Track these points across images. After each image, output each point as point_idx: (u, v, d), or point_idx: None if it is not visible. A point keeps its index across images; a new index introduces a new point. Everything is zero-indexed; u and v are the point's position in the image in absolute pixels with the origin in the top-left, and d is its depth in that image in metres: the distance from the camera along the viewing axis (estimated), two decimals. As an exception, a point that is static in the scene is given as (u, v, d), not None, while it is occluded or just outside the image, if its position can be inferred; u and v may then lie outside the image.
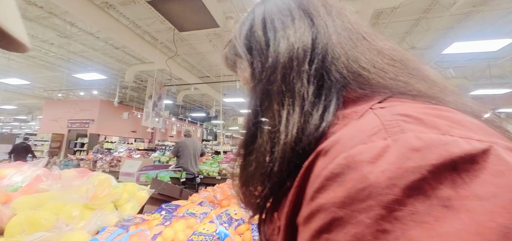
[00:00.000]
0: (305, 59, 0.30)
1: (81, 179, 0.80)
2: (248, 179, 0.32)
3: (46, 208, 0.62)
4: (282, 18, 0.33)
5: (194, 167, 3.58)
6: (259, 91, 0.32)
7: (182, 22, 4.71)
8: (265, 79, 0.31)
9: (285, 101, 0.29)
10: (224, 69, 8.82)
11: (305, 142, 0.26)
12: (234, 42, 0.39)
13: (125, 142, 11.26)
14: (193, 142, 3.82)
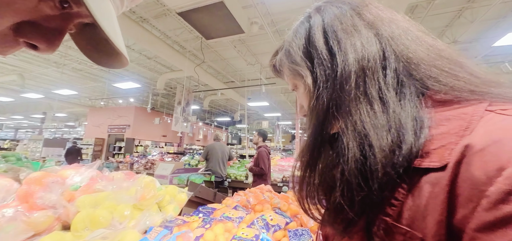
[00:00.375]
0: (378, 67, 0.30)
1: (128, 181, 0.87)
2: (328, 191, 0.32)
3: (103, 207, 0.68)
4: (345, 28, 0.34)
5: (222, 170, 3.67)
6: (326, 99, 0.32)
7: (209, 30, 4.90)
8: (334, 87, 0.32)
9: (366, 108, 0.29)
10: (249, 74, 8.97)
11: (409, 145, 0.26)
12: (289, 50, 0.39)
13: (157, 146, 11.96)
14: (221, 146, 3.93)
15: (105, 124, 12.04)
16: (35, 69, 8.71)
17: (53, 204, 0.65)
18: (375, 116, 0.28)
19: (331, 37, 0.34)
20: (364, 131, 0.28)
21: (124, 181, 0.86)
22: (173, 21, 6.00)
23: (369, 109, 0.29)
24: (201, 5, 4.05)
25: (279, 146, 14.18)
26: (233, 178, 3.62)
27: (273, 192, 1.43)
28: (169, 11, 5.63)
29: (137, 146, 10.90)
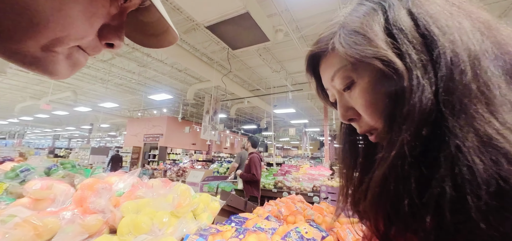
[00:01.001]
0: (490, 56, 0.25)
1: (165, 188, 0.92)
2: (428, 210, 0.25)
3: (144, 213, 0.73)
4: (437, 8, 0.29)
5: None
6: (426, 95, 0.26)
7: (235, 41, 5.05)
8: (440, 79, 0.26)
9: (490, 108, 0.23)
10: (274, 81, 8.96)
11: None
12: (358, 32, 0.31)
13: (187, 154, 12.53)
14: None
15: (141, 133, 13.00)
16: (85, 86, 9.84)
17: (102, 209, 0.71)
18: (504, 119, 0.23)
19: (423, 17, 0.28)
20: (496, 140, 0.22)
21: (162, 188, 0.91)
22: (201, 35, 6.32)
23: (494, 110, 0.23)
24: (228, 17, 4.21)
25: (307, 154, 13.70)
26: (261, 187, 3.59)
27: (305, 203, 1.38)
28: (198, 26, 5.96)
29: (169, 153, 11.54)
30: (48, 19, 0.20)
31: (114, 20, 0.26)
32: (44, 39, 0.21)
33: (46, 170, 1.27)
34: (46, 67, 0.23)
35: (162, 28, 0.30)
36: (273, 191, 3.40)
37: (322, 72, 0.39)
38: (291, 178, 3.63)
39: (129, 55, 7.22)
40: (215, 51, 7.02)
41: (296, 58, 7.11)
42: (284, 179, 3.48)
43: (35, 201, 0.78)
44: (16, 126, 19.23)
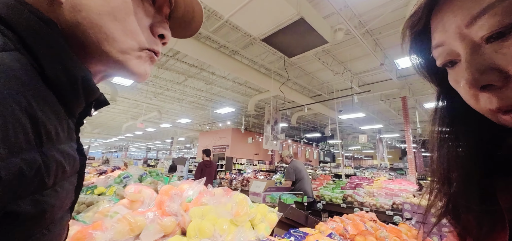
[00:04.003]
0: None
1: (226, 197, 0.98)
2: None
3: (207, 219, 0.80)
4: None
5: (311, 189, 3.47)
6: None
7: (291, 48, 5.05)
8: None
9: None
10: (337, 85, 8.40)
11: None
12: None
13: (251, 164, 13.08)
14: (300, 163, 3.73)
15: (210, 144, 14.45)
16: (166, 106, 11.79)
17: (175, 212, 0.82)
18: None
19: None
20: None
21: (223, 196, 0.98)
22: (258, 48, 6.62)
23: None
24: (282, 26, 4.27)
25: (384, 164, 11.54)
26: (328, 200, 3.27)
27: (379, 222, 1.20)
28: (254, 40, 6.29)
29: (235, 163, 12.34)
30: (115, 34, 0.30)
31: (156, 18, 0.35)
32: (118, 45, 0.31)
33: (139, 177, 1.58)
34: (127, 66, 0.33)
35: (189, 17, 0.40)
36: (342, 206, 3.04)
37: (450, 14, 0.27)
38: (364, 192, 3.16)
39: (197, 76, 8.25)
40: (272, 61, 7.21)
41: (361, 56, 6.49)
42: (355, 193, 3.07)
43: (131, 202, 0.97)
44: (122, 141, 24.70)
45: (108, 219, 0.74)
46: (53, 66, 0.26)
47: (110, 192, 1.32)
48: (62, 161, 0.26)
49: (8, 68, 0.21)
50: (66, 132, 0.28)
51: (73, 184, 0.31)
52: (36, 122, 0.22)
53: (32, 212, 0.22)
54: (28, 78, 0.23)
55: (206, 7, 4.93)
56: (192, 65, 7.49)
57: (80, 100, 0.30)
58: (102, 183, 1.43)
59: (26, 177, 0.21)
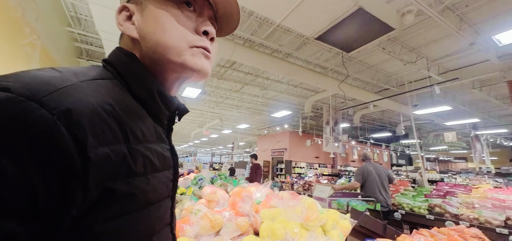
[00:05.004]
0: None
1: (293, 200, 0.99)
2: None
3: (278, 221, 0.82)
4: None
5: (384, 196, 3.02)
6: None
7: (350, 43, 4.69)
8: None
9: None
10: (409, 75, 7.31)
11: None
12: None
13: (311, 167, 12.63)
14: (376, 166, 3.30)
15: (268, 148, 14.72)
16: (227, 113, 12.73)
17: (247, 213, 0.88)
18: None
19: None
20: None
21: (291, 200, 0.99)
22: (312, 47, 6.41)
23: None
24: (338, 21, 4.02)
25: (486, 168, 9.07)
26: (408, 210, 2.76)
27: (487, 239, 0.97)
28: (307, 40, 6.12)
29: (294, 167, 12.18)
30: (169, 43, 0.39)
31: (198, 20, 0.42)
32: (174, 50, 0.39)
33: (210, 179, 1.76)
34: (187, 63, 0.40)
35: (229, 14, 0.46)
36: (427, 218, 2.51)
37: None
38: (458, 203, 2.54)
39: (253, 82, 8.60)
40: (328, 59, 6.85)
41: (440, 39, 5.44)
42: (445, 203, 2.49)
43: (208, 201, 1.10)
44: (191, 147, 27.99)
45: (193, 216, 0.86)
46: (136, 85, 0.37)
47: (189, 192, 1.51)
48: (149, 156, 0.34)
49: (103, 88, 0.31)
50: (154, 135, 0.37)
51: (168, 178, 0.39)
52: (121, 124, 0.30)
53: (124, 190, 0.29)
54: (118, 95, 0.33)
55: (258, 16, 5.12)
56: (247, 73, 7.88)
57: (162, 109, 0.40)
58: (181, 184, 1.66)
59: (114, 162, 0.28)
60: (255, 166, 5.99)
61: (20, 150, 0.22)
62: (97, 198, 0.27)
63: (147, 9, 0.40)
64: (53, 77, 0.27)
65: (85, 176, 0.25)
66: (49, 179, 0.23)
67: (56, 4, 5.07)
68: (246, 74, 7.95)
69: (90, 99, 0.28)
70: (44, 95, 0.24)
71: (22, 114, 0.22)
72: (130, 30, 0.40)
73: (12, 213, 0.21)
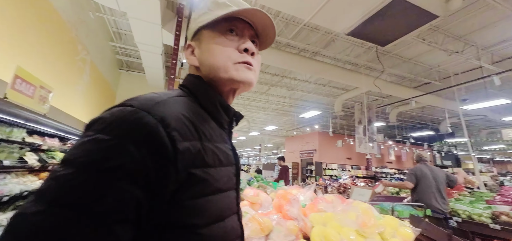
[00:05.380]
0: None
1: (342, 204, 0.92)
2: None
3: (331, 226, 0.77)
4: None
5: (440, 203, 2.69)
6: None
7: (385, 35, 4.37)
8: None
9: None
10: (455, 66, 6.62)
11: None
12: None
13: (344, 169, 12.04)
14: (432, 169, 2.93)
15: (297, 150, 14.44)
16: (254, 115, 12.81)
17: (295, 217, 0.85)
18: None
19: None
20: None
21: (340, 204, 0.93)
22: (341, 44, 6.13)
23: None
24: (371, 14, 3.78)
25: None
26: (465, 217, 2.41)
27: None
28: (336, 37, 5.87)
29: (325, 169, 11.74)
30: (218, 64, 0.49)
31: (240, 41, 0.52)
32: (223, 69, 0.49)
33: (247, 181, 1.76)
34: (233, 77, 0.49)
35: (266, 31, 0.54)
36: (491, 227, 2.15)
37: None
38: None
39: (279, 83, 8.52)
40: (359, 55, 6.49)
41: (494, 23, 4.79)
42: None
43: (251, 203, 1.09)
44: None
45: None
46: (203, 99, 0.49)
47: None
48: (216, 152, 0.43)
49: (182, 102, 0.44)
50: (219, 136, 0.47)
51: (232, 172, 0.48)
52: (196, 126, 0.41)
53: (202, 176, 0.39)
54: (192, 106, 0.45)
55: (284, 16, 5.06)
56: (274, 74, 7.84)
57: (223, 116, 0.51)
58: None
59: (192, 154, 0.38)
60: (284, 168, 6.06)
61: (139, 140, 0.33)
62: (184, 179, 0.37)
63: (202, 43, 0.52)
64: (154, 97, 0.40)
65: (175, 161, 0.36)
66: (156, 161, 0.34)
67: (101, 22, 5.62)
68: (272, 75, 7.92)
69: (174, 110, 0.40)
70: (150, 107, 0.37)
71: (140, 118, 0.35)
72: (193, 61, 0.53)
73: (138, 185, 0.32)
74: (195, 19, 0.54)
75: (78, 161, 0.31)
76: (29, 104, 2.50)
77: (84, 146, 0.33)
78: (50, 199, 0.29)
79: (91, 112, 5.85)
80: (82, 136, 0.35)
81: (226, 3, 0.51)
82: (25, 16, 2.98)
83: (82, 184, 0.30)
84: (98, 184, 0.30)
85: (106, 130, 0.33)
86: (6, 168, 2.01)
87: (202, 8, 0.54)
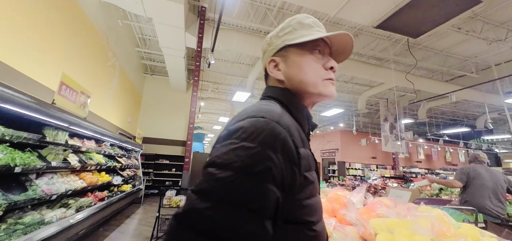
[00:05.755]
0: None
1: (406, 209, 0.84)
2: None
3: (399, 234, 0.70)
4: None
5: (496, 206, 2.45)
6: None
7: (417, 26, 4.08)
8: None
9: None
10: (495, 57, 6.05)
11: None
12: None
13: (367, 168, 11.53)
14: (492, 171, 2.66)
15: (318, 149, 14.10)
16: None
17: (354, 222, 0.78)
18: None
19: None
20: None
21: (402, 208, 0.84)
22: (365, 38, 5.86)
23: None
24: (404, 3, 3.54)
25: None
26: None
27: None
28: (360, 31, 5.62)
29: (348, 168, 11.32)
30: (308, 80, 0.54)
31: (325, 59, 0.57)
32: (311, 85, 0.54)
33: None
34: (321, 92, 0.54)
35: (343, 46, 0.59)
36: None
37: None
38: None
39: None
40: (385, 48, 6.16)
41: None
42: None
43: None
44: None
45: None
46: (296, 111, 0.53)
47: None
48: (308, 157, 0.46)
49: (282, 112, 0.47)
50: (305, 142, 0.49)
51: (316, 177, 0.49)
52: (300, 134, 0.47)
53: (311, 179, 0.44)
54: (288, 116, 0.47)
55: (307, 10, 4.94)
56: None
57: (307, 125, 0.55)
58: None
59: (305, 159, 0.44)
60: None
61: (277, 147, 0.39)
62: (302, 181, 0.42)
63: (290, 59, 0.57)
64: (273, 109, 0.45)
65: (299, 165, 0.41)
66: (288, 165, 0.39)
67: (128, 29, 5.90)
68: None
69: (289, 120, 0.46)
70: (278, 119, 0.42)
71: (274, 128, 0.40)
72: (278, 75, 0.57)
73: (278, 186, 0.37)
74: (279, 36, 0.59)
75: (233, 165, 0.37)
76: (72, 109, 2.66)
77: (235, 152, 0.38)
78: (216, 197, 0.35)
79: (121, 115, 6.16)
80: (226, 143, 0.40)
81: (310, 25, 0.58)
82: (64, 27, 3.19)
83: (240, 185, 0.35)
84: (253, 185, 0.36)
85: (250, 138, 0.39)
86: (53, 169, 2.14)
87: (285, 26, 0.59)
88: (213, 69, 8.00)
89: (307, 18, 0.59)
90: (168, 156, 7.71)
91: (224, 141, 0.41)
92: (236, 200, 0.34)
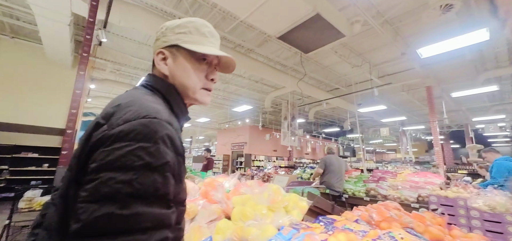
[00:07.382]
0: None
1: (260, 187, 1.10)
2: None
3: (248, 205, 0.92)
4: None
5: (340, 185, 3.46)
6: None
7: (307, 44, 5.06)
8: None
9: None
10: (355, 77, 8.23)
11: None
12: None
13: (269, 160, 13.18)
14: (338, 159, 3.74)
15: (229, 142, 14.75)
16: (186, 107, 12.20)
17: (220, 200, 0.96)
18: None
19: None
20: None
21: (257, 187, 1.10)
22: (273, 45, 6.67)
23: None
24: (298, 23, 4.30)
25: (409, 158, 11.21)
26: (351, 194, 3.29)
27: (402, 210, 1.26)
28: (269, 38, 6.35)
29: (253, 160, 12.51)
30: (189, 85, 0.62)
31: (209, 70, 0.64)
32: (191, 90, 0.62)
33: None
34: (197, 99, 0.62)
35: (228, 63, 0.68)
36: (364, 199, 3.05)
37: None
38: (387, 186, 3.15)
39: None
40: (288, 57, 7.23)
41: (381, 47, 6.32)
42: (378, 187, 3.06)
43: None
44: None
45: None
46: (176, 106, 0.59)
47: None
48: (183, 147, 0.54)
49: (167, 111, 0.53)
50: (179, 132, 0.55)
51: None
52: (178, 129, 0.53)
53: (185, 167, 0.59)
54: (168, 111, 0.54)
55: (222, 9, 5.08)
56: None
57: (184, 120, 0.63)
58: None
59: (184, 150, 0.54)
60: (210, 160, 6.83)
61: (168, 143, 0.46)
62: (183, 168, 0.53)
63: (178, 60, 0.61)
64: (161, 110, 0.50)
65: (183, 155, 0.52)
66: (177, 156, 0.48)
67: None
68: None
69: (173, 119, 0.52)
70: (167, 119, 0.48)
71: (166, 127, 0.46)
72: (165, 69, 0.61)
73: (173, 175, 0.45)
74: (173, 31, 0.62)
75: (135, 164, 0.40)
76: None
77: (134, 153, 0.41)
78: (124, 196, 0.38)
79: None
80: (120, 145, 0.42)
81: (206, 34, 0.63)
82: None
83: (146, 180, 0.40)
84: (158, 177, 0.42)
85: (146, 139, 0.43)
86: None
87: (182, 25, 0.62)
88: (114, 47, 6.79)
89: (205, 27, 0.64)
90: (37, 148, 5.91)
91: (115, 143, 0.42)
92: (145, 192, 0.39)
